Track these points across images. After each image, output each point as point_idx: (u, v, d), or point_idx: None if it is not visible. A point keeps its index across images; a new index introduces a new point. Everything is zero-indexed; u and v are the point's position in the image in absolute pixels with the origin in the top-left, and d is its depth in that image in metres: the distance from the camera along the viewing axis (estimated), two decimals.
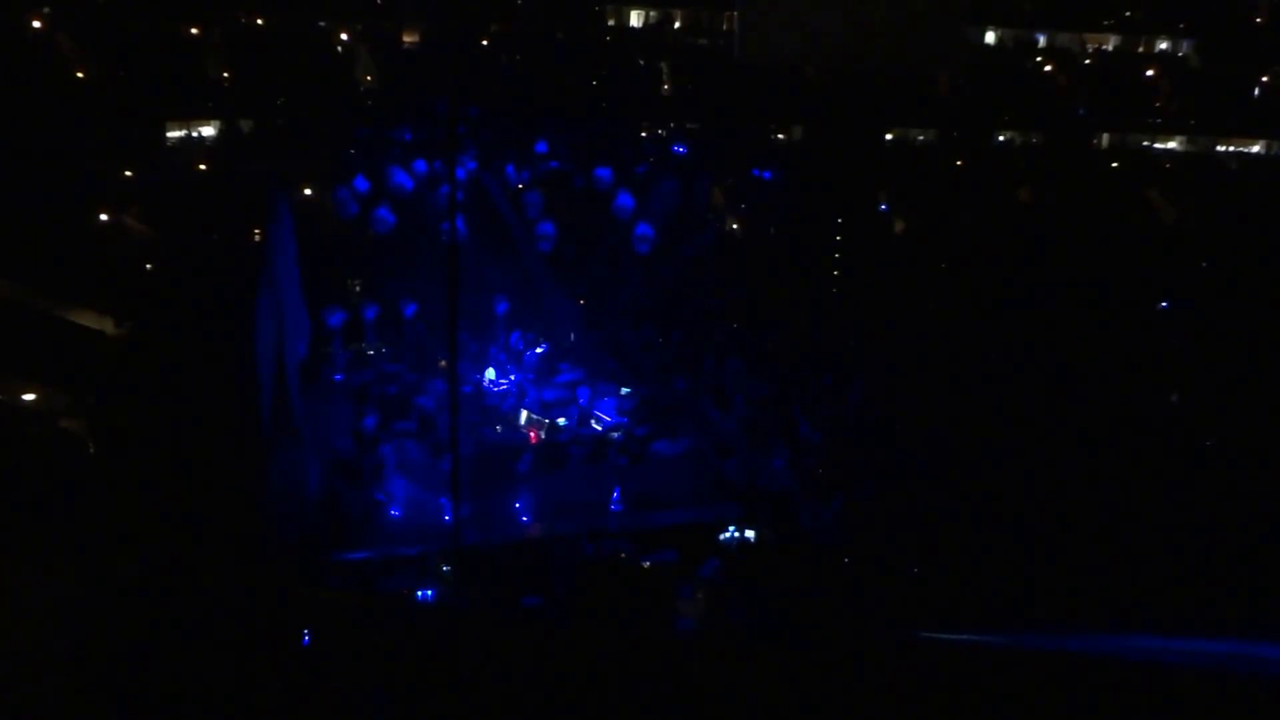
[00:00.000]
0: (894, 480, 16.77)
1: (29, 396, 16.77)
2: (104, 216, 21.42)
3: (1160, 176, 29.28)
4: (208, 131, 24.51)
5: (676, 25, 28.67)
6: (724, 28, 27.47)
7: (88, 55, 22.97)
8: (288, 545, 14.08)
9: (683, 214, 24.43)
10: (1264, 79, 30.43)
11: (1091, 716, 5.45)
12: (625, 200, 22.28)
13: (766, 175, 26.41)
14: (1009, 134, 29.94)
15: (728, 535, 15.49)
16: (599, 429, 19.20)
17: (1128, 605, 11.43)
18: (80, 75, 22.88)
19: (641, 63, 27.48)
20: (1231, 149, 30.82)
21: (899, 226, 27.31)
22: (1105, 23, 30.82)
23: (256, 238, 18.91)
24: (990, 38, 30.34)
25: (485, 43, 26.44)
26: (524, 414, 19.30)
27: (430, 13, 25.93)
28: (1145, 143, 30.51)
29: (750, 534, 15.53)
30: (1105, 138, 30.40)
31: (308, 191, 22.56)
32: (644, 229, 22.21)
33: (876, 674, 7.52)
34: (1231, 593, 11.00)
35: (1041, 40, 30.76)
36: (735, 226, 27.21)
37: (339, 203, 21.09)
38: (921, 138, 29.49)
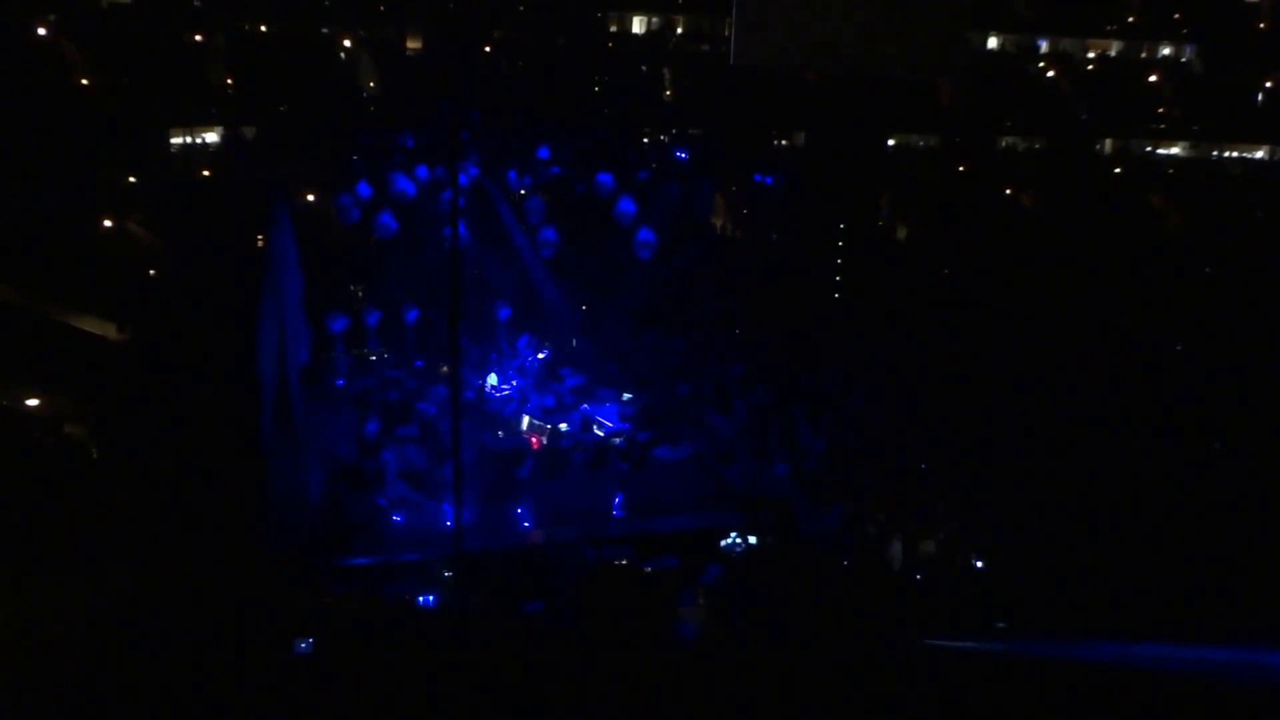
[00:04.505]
0: (896, 486, 16.73)
1: (32, 402, 16.79)
2: (107, 222, 21.47)
3: (1163, 182, 29.27)
4: (211, 138, 24.59)
5: (679, 31, 28.73)
6: (725, 34, 27.46)
7: (91, 62, 23.05)
8: (290, 551, 14.06)
9: (684, 220, 24.43)
10: (1267, 84, 30.41)
11: None
12: (627, 206, 22.29)
13: (768, 181, 26.42)
14: (1011, 140, 29.94)
15: (730, 542, 15.44)
16: (601, 435, 19.19)
17: (1131, 612, 11.39)
18: (84, 82, 22.96)
19: (643, 68, 27.53)
20: (1235, 154, 30.81)
21: (901, 232, 27.31)
22: (1108, 28, 30.82)
23: (259, 243, 18.94)
24: (993, 43, 30.37)
25: (487, 49, 26.50)
26: (526, 419, 19.30)
27: (432, 19, 26.00)
28: (1148, 148, 30.51)
29: (752, 540, 15.48)
30: (1108, 143, 30.40)
31: (310, 197, 22.60)
32: (646, 235, 22.21)
33: (880, 681, 7.51)
34: (1234, 600, 10.96)
35: (1044, 45, 30.78)
36: (737, 232, 27.22)
37: (341, 208, 21.11)
38: (924, 143, 29.50)
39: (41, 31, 22.94)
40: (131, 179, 22.21)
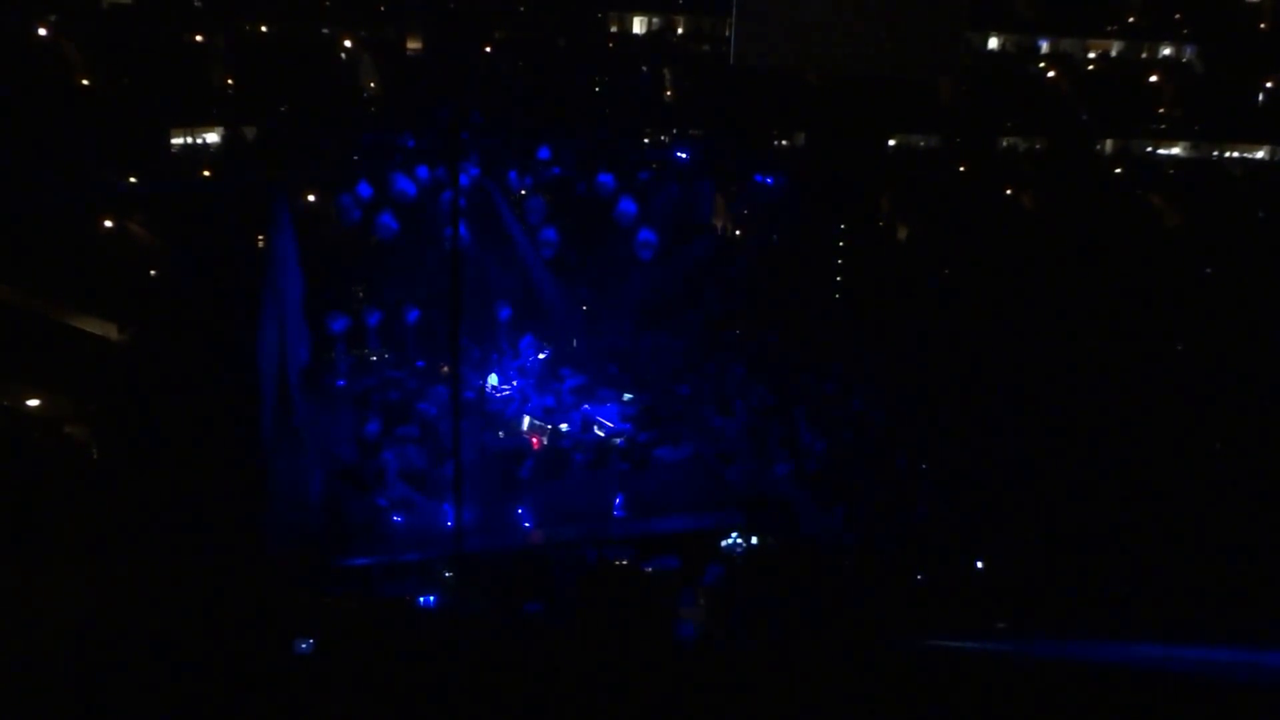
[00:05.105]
0: (897, 487, 16.74)
1: (33, 402, 16.80)
2: (108, 223, 21.48)
3: (1164, 182, 29.24)
4: (211, 138, 24.59)
5: (679, 31, 28.72)
6: (726, 34, 27.45)
7: (92, 62, 23.04)
8: (290, 551, 14.07)
9: (685, 220, 24.45)
10: (1268, 84, 30.38)
11: None
12: (628, 206, 22.31)
13: (769, 181, 26.41)
14: (1011, 140, 29.92)
15: (730, 542, 15.46)
16: (601, 435, 19.20)
17: (1133, 612, 11.39)
18: (85, 82, 22.96)
19: (644, 69, 27.50)
20: (1235, 155, 30.79)
21: (901, 233, 27.30)
22: (1108, 28, 30.80)
23: (259, 243, 18.95)
24: (993, 43, 30.35)
25: (488, 49, 26.49)
26: (526, 420, 19.31)
27: (433, 20, 25.99)
28: (1148, 148, 30.48)
29: (753, 541, 15.50)
30: (1108, 143, 30.39)
31: (310, 197, 22.60)
32: (646, 235, 22.23)
33: (880, 681, 7.51)
34: (1234, 600, 10.96)
35: (1044, 46, 30.76)
36: (738, 232, 27.23)
37: (342, 209, 21.14)
38: (924, 143, 29.48)
39: (42, 31, 22.93)
40: (132, 179, 22.20)
